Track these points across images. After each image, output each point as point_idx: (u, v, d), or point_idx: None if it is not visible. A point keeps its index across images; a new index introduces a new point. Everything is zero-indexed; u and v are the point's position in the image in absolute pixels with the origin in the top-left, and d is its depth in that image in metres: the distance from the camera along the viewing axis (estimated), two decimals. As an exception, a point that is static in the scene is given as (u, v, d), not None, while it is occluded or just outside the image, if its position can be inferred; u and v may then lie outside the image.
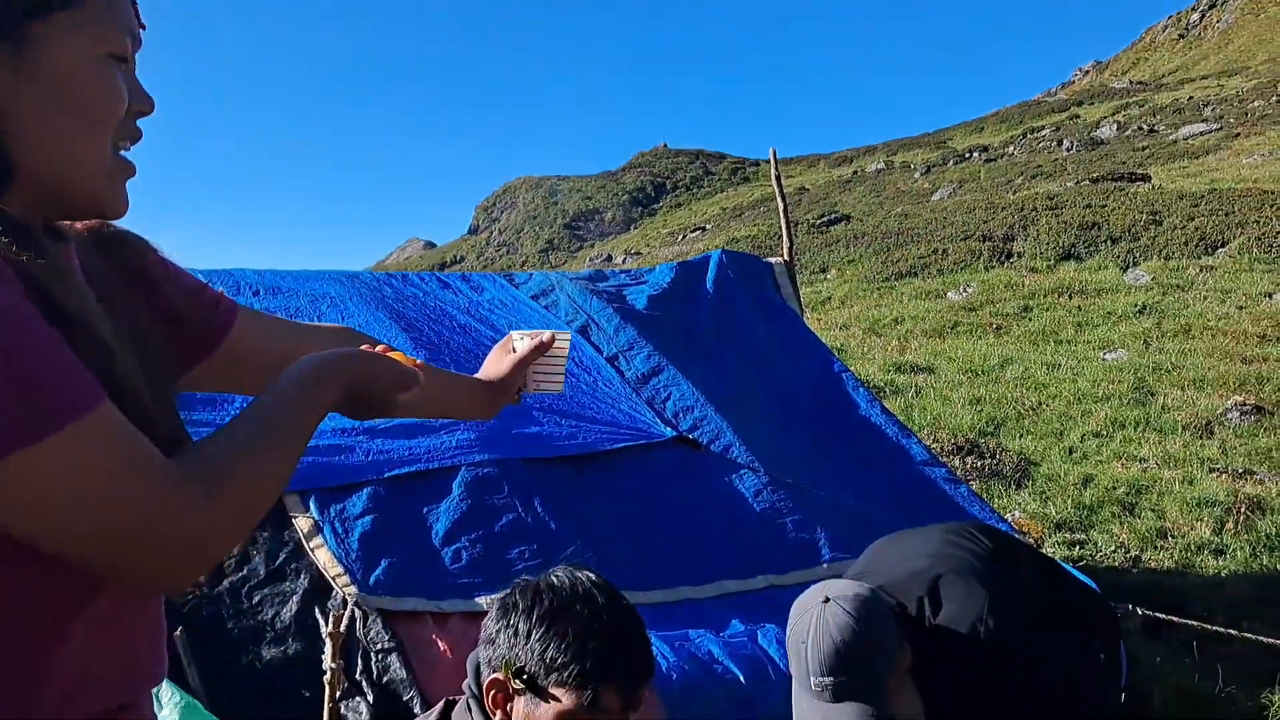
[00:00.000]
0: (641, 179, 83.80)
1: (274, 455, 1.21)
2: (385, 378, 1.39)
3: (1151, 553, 6.98)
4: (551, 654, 1.72)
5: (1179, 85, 56.16)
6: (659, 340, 5.46)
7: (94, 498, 1.02)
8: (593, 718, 1.73)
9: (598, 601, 1.79)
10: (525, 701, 1.76)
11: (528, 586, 1.83)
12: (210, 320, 1.51)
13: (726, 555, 4.18)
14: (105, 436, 1.03)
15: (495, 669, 1.78)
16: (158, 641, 1.30)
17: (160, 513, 1.06)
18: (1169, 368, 11.51)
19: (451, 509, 3.92)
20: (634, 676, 1.78)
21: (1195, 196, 20.90)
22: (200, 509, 1.09)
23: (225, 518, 1.13)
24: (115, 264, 1.36)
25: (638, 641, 1.81)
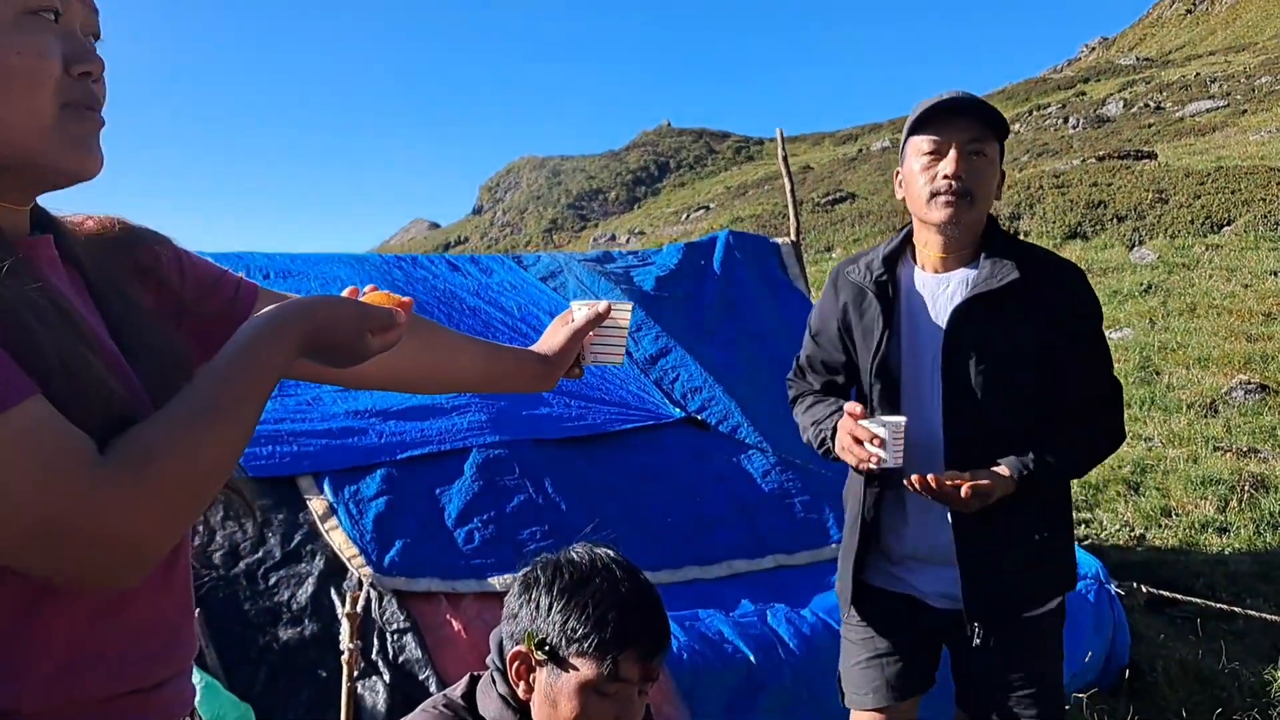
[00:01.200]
0: (645, 158, 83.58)
1: (217, 427, 1.11)
2: (350, 321, 1.29)
3: (1156, 531, 7.02)
4: (572, 625, 1.78)
5: (1186, 62, 55.89)
6: (667, 321, 5.49)
7: (10, 497, 0.98)
8: (612, 687, 1.78)
9: (616, 575, 1.85)
10: (548, 673, 1.81)
11: (548, 563, 1.89)
12: (232, 301, 1.53)
13: (735, 535, 4.22)
14: (21, 433, 0.99)
15: (518, 642, 1.84)
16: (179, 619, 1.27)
17: (82, 509, 1.00)
18: (1174, 346, 11.52)
19: (464, 490, 3.97)
20: (652, 646, 1.83)
21: (1201, 174, 20.83)
22: (127, 500, 1.02)
23: (157, 505, 1.05)
24: (128, 261, 1.37)
25: (655, 613, 1.87)
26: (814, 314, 2.86)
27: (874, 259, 2.67)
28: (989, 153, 2.55)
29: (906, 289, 2.63)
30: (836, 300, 2.74)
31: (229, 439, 1.13)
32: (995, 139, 2.57)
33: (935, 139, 2.53)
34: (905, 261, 2.68)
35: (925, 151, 2.54)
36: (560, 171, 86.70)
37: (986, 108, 2.52)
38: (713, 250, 6.18)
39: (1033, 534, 2.56)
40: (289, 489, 3.83)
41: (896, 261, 2.67)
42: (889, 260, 2.65)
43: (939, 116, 2.53)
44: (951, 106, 2.51)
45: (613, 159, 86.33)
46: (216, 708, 3.01)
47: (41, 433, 1.00)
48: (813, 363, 2.85)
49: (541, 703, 1.82)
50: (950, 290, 2.57)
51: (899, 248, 2.69)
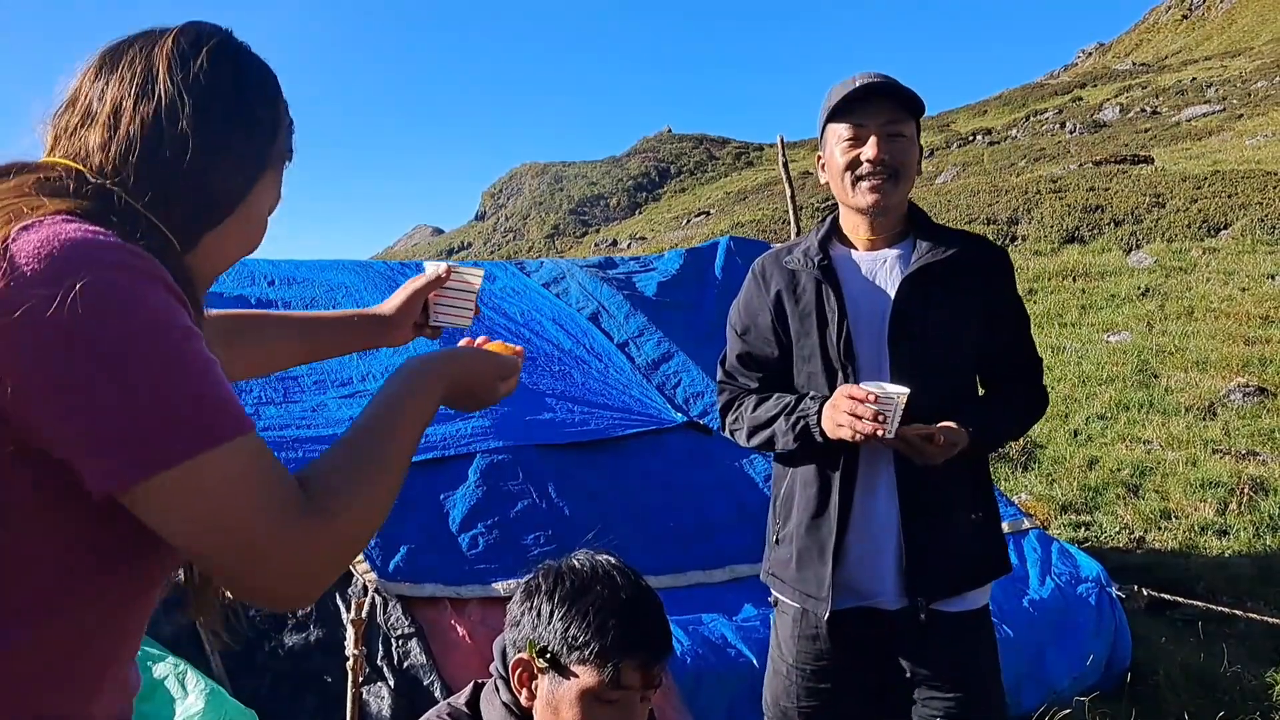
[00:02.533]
0: (646, 164, 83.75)
1: (390, 481, 1.26)
2: (488, 372, 1.54)
3: (1155, 534, 7.04)
4: (573, 632, 1.79)
5: (1182, 66, 56.03)
6: (669, 327, 5.52)
7: (230, 517, 1.09)
8: (614, 694, 1.79)
9: (617, 582, 1.85)
10: (549, 680, 1.81)
11: (550, 570, 1.90)
12: None
13: (737, 539, 4.24)
14: (254, 459, 1.11)
15: (520, 649, 1.84)
16: None
17: (284, 539, 1.11)
18: (1172, 350, 11.55)
19: (468, 495, 3.98)
20: (653, 653, 1.84)
21: (1198, 178, 20.89)
22: (318, 540, 1.14)
23: (341, 546, 1.18)
24: None
25: (656, 620, 1.87)
26: (737, 312, 2.85)
27: (809, 245, 2.70)
28: (908, 132, 2.61)
29: (842, 269, 2.67)
30: (766, 292, 2.74)
31: (395, 489, 1.28)
32: (912, 118, 2.63)
33: (854, 125, 2.59)
34: (835, 246, 2.73)
35: (845, 138, 2.61)
36: (562, 178, 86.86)
37: (901, 89, 2.58)
38: (714, 256, 6.22)
39: (969, 513, 2.65)
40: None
41: (828, 247, 2.71)
42: (823, 246, 2.70)
43: (855, 102, 2.59)
44: (867, 91, 2.57)
45: (614, 165, 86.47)
46: (222, 714, 3.02)
47: (264, 462, 1.12)
48: (744, 361, 2.81)
49: (543, 710, 1.82)
50: (888, 266, 2.64)
51: (828, 234, 2.74)
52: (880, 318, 2.59)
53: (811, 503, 2.67)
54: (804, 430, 2.58)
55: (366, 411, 1.32)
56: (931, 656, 2.63)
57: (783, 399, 2.69)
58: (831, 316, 2.61)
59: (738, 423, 2.81)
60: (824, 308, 2.63)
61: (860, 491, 2.63)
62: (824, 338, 2.63)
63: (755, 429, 2.74)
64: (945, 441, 2.45)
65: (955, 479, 2.60)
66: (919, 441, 2.44)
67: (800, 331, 2.68)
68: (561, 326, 5.31)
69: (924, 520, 2.58)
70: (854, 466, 2.63)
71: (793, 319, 2.69)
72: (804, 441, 2.59)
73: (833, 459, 2.63)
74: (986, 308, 2.65)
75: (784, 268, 2.72)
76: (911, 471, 2.56)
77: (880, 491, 2.61)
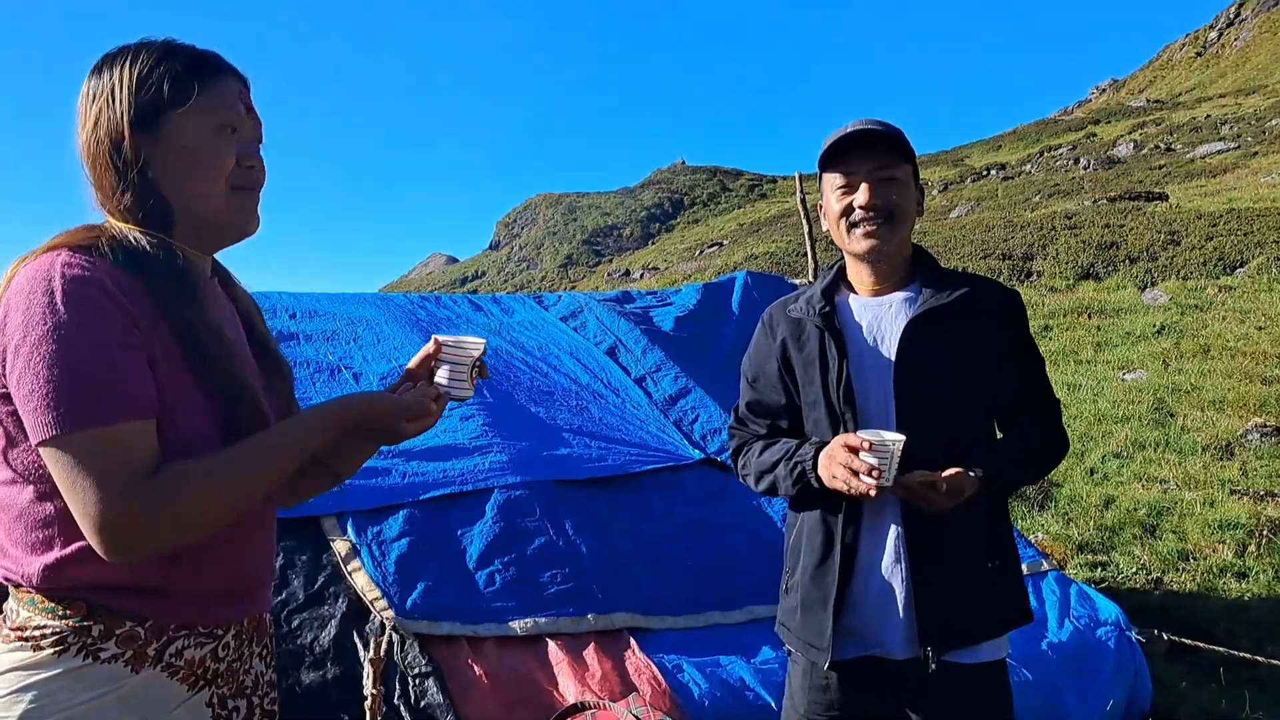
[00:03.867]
0: (659, 195, 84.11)
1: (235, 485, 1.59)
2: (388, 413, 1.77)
3: (1173, 575, 6.98)
4: None
5: (1196, 104, 56.07)
6: (686, 361, 5.52)
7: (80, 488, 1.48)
8: None
9: None
10: None
11: None
12: None
13: (755, 579, 4.21)
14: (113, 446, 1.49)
15: None
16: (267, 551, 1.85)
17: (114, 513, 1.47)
18: (1188, 388, 11.50)
19: (485, 531, 3.97)
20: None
21: (1213, 216, 20.88)
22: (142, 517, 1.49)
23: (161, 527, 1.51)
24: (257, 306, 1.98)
25: None
26: (748, 360, 2.87)
27: (813, 294, 2.72)
28: (900, 175, 2.61)
29: (846, 317, 2.67)
30: (773, 340, 2.77)
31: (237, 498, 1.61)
32: (904, 160, 2.63)
33: (845, 173, 2.61)
34: (841, 292, 2.74)
35: (838, 186, 2.63)
36: (576, 208, 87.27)
37: (888, 136, 2.58)
38: (731, 291, 6.22)
39: (985, 561, 2.59)
40: (313, 530, 3.84)
41: (833, 294, 2.72)
42: (827, 294, 2.70)
43: (844, 151, 2.61)
44: (851, 140, 2.58)
45: (628, 196, 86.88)
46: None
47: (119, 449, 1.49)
48: (754, 409, 2.82)
49: None
50: (893, 311, 2.63)
51: (834, 282, 2.75)
52: (885, 364, 2.58)
53: (816, 550, 2.65)
54: (801, 476, 2.56)
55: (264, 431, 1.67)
56: (941, 710, 2.58)
57: (787, 444, 2.68)
58: (833, 363, 2.60)
59: (746, 468, 2.82)
60: (826, 355, 2.63)
61: (865, 538, 2.60)
62: (826, 385, 2.62)
63: (761, 474, 2.73)
64: (950, 489, 2.41)
65: (968, 525, 2.55)
66: (921, 489, 2.41)
67: (805, 379, 2.68)
68: (579, 361, 5.32)
69: (934, 568, 2.53)
70: (858, 512, 2.60)
71: (797, 367, 2.70)
72: (803, 488, 2.58)
73: (834, 504, 2.61)
74: (997, 351, 2.61)
75: (789, 316, 2.74)
76: (920, 517, 2.52)
77: (886, 538, 2.58)
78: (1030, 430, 2.69)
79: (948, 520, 2.50)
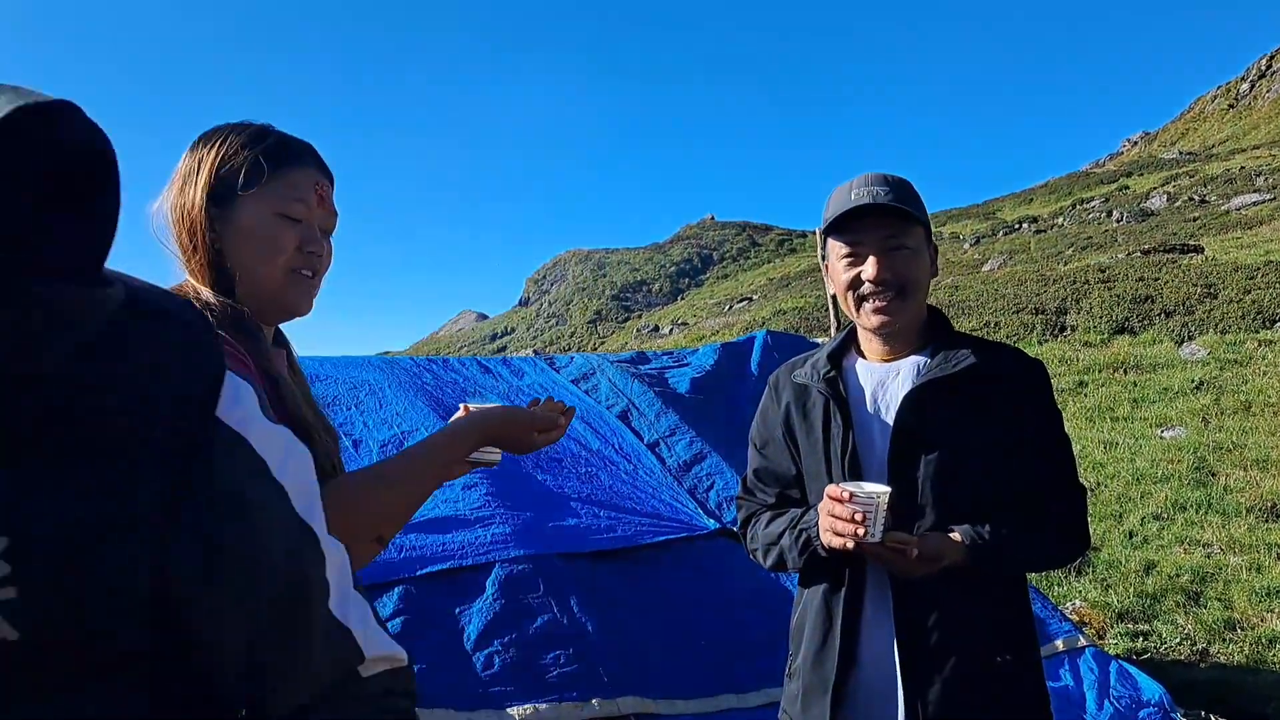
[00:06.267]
0: (688, 250, 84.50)
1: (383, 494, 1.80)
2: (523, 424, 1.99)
3: (1220, 646, 6.65)
4: None
5: (1230, 155, 55.67)
6: (702, 425, 5.31)
7: None
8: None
9: None
10: None
11: None
12: None
13: (774, 660, 3.96)
14: None
15: None
16: None
17: None
18: (1230, 446, 11.14)
19: (484, 610, 3.75)
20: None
21: (1250, 268, 20.51)
22: None
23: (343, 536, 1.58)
24: None
25: None
26: (756, 426, 2.72)
27: (819, 358, 2.58)
28: (911, 243, 2.42)
29: (852, 383, 2.51)
30: (778, 404, 2.63)
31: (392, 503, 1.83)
32: (915, 225, 2.44)
33: (851, 242, 2.43)
34: (850, 355, 2.58)
35: (844, 255, 2.45)
36: (605, 264, 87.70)
37: (898, 206, 2.38)
38: (750, 351, 6.02)
39: (993, 655, 2.33)
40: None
41: (841, 358, 2.57)
42: (834, 358, 2.55)
43: (851, 219, 2.42)
44: (859, 211, 2.39)
45: (657, 251, 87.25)
46: None
47: None
48: (762, 476, 2.66)
49: None
50: (900, 378, 2.46)
51: (843, 345, 2.59)
52: (887, 434, 2.40)
53: (816, 634, 2.47)
54: (806, 542, 2.39)
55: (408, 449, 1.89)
56: None
57: (794, 513, 2.51)
58: (836, 432, 2.44)
59: (754, 541, 2.65)
60: (830, 423, 2.46)
61: (867, 621, 2.41)
62: (829, 454, 2.45)
63: (769, 546, 2.56)
64: (923, 554, 2.21)
65: (972, 612, 2.32)
66: (886, 552, 2.21)
67: (807, 447, 2.52)
68: (590, 425, 5.12)
69: (928, 662, 2.30)
70: (859, 593, 2.41)
71: (800, 434, 2.54)
72: (810, 557, 2.40)
73: (836, 582, 2.42)
74: (1011, 427, 2.37)
75: (794, 381, 2.59)
76: (910, 600, 2.32)
77: (883, 626, 2.37)
78: (1043, 516, 2.40)
79: (944, 605, 2.30)
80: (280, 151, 1.83)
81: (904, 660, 2.32)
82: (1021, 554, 2.37)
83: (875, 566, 2.37)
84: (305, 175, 1.85)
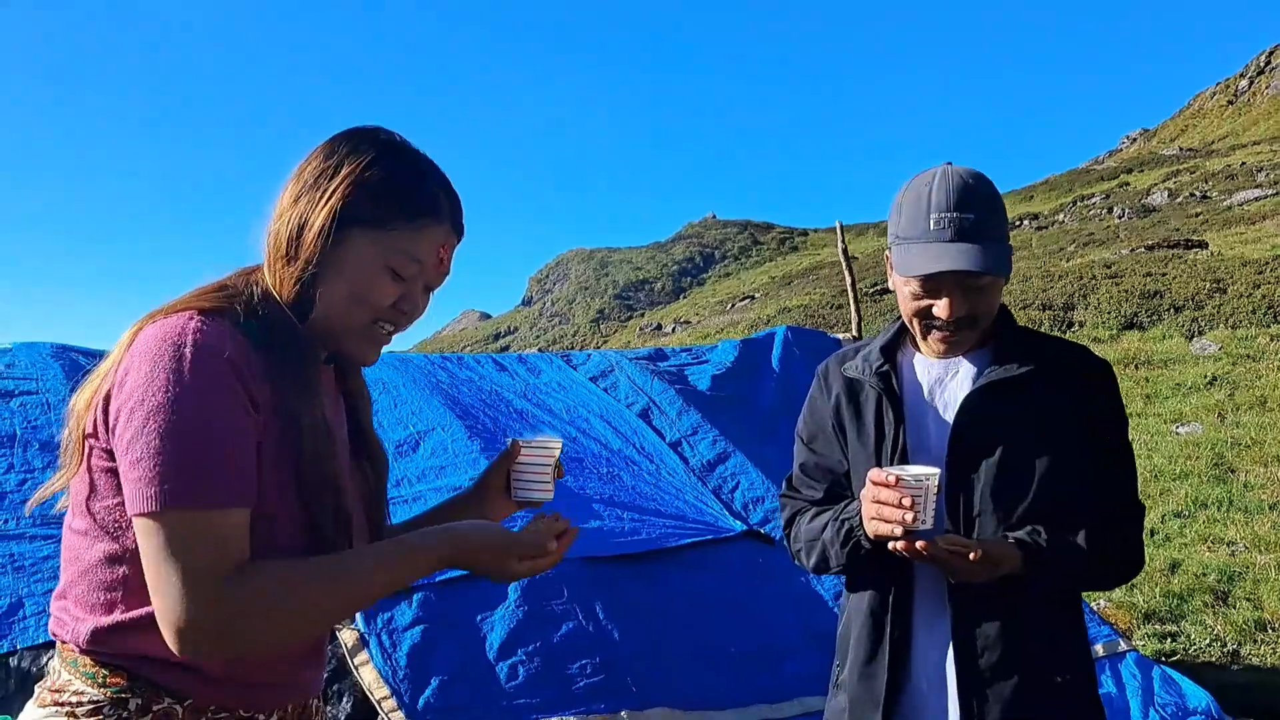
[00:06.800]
0: (691, 249, 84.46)
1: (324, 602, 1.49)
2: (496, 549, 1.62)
3: (1251, 647, 6.49)
4: None
5: (1230, 151, 55.52)
6: (724, 424, 5.14)
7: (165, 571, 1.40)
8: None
9: None
10: None
11: None
12: None
13: (807, 667, 3.80)
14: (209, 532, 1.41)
15: None
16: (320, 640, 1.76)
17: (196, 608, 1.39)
18: (1248, 443, 10.99)
19: (507, 617, 3.59)
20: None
21: (1259, 263, 20.34)
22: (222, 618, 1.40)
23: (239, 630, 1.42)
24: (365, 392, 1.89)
25: None
26: (804, 419, 2.52)
27: (871, 350, 2.38)
28: (989, 283, 2.19)
29: (908, 378, 2.33)
30: (828, 396, 2.44)
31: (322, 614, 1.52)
32: None
33: (925, 281, 2.18)
34: (904, 349, 2.38)
35: (915, 289, 2.21)
36: (608, 263, 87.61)
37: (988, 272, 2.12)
38: (770, 347, 5.85)
39: (1053, 674, 2.19)
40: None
41: (895, 351, 2.38)
42: (887, 350, 2.36)
43: None
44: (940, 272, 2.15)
45: (659, 250, 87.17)
46: None
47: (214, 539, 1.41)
48: (810, 472, 2.47)
49: None
50: (960, 377, 2.28)
51: (896, 337, 2.39)
52: (944, 436, 2.22)
53: (864, 644, 2.30)
54: (849, 535, 2.21)
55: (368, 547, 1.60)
56: None
57: (837, 507, 2.33)
58: (889, 430, 2.26)
59: (797, 540, 2.47)
60: (883, 420, 2.29)
61: (919, 633, 2.25)
62: (880, 453, 2.28)
63: (811, 543, 2.38)
64: (985, 557, 2.02)
65: (1030, 628, 2.17)
66: (948, 554, 2.02)
67: (857, 444, 2.34)
68: (610, 424, 4.95)
69: (986, 680, 2.16)
70: (908, 601, 2.25)
71: (850, 429, 2.36)
72: (852, 551, 2.23)
73: (885, 588, 2.26)
74: (1073, 433, 2.19)
75: (844, 375, 2.40)
76: (969, 612, 2.16)
77: (937, 638, 2.21)
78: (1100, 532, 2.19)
79: (1005, 618, 2.14)
80: (418, 198, 1.65)
81: (961, 678, 2.17)
82: (1075, 569, 2.19)
83: (927, 571, 2.21)
84: (434, 235, 1.67)
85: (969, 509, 2.18)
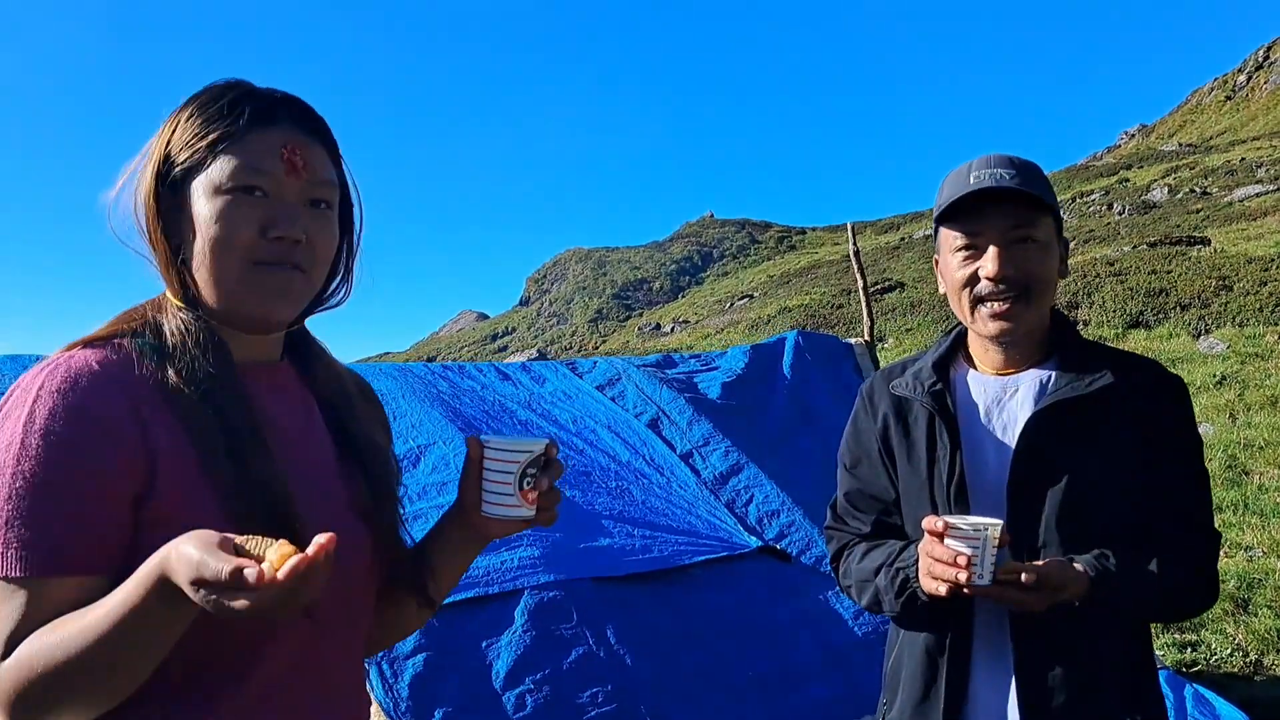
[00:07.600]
0: (689, 248, 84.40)
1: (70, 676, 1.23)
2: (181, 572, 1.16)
3: (1274, 656, 6.32)
4: None
5: (1229, 147, 55.38)
6: (736, 433, 4.97)
7: None
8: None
9: None
10: None
11: None
12: None
13: (828, 689, 3.65)
14: None
15: None
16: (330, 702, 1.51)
17: None
18: (1261, 444, 10.80)
19: (514, 643, 3.42)
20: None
21: (1264, 260, 20.17)
22: None
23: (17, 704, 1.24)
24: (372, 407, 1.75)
25: None
26: (846, 442, 2.35)
27: (922, 367, 2.22)
28: (1040, 235, 2.06)
29: (962, 398, 2.17)
30: (874, 417, 2.27)
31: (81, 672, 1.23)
32: (1045, 214, 2.09)
33: (969, 233, 2.08)
34: (958, 364, 2.23)
35: (960, 247, 2.09)
36: (605, 263, 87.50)
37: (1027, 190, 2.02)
38: (781, 352, 5.69)
39: (1122, 716, 2.02)
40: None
41: (948, 367, 2.21)
42: (939, 367, 2.19)
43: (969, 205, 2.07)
44: (979, 197, 2.04)
45: (657, 250, 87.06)
46: None
47: None
48: (855, 501, 2.30)
49: None
50: (1020, 396, 2.11)
51: (950, 352, 2.23)
52: (1005, 460, 2.06)
53: (917, 682, 2.14)
54: (904, 586, 2.05)
55: None
56: None
57: (891, 547, 2.16)
58: (943, 454, 2.10)
59: (847, 577, 2.29)
60: (936, 443, 2.11)
61: (977, 672, 2.08)
62: (933, 479, 2.11)
63: (862, 583, 2.21)
64: (1045, 582, 1.85)
65: (1101, 665, 2.01)
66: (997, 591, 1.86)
67: (907, 470, 2.17)
68: (618, 435, 4.78)
69: None
70: (967, 637, 2.08)
71: (899, 454, 2.19)
72: (908, 603, 2.06)
73: (940, 628, 2.09)
74: (1149, 455, 2.04)
75: (892, 394, 2.22)
76: (1037, 655, 2.00)
77: (998, 678, 2.05)
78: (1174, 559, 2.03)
79: (1073, 656, 1.98)
80: (230, 115, 1.42)
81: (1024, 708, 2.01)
82: (1146, 596, 2.02)
83: (988, 604, 2.04)
84: (266, 139, 1.43)
85: (1032, 540, 2.02)
